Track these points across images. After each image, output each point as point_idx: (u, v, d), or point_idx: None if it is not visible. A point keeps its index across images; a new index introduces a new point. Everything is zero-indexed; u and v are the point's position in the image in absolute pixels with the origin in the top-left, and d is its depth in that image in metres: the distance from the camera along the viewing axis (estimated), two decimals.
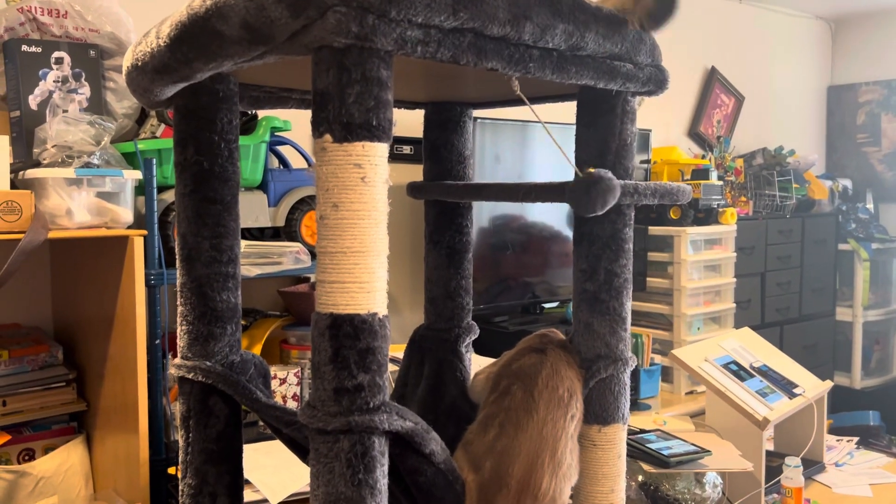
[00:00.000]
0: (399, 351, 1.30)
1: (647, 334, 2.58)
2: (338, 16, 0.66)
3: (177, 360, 0.98)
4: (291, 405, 1.89)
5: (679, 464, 1.53)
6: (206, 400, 0.97)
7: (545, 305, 2.96)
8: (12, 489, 1.66)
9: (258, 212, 1.96)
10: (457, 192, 1.13)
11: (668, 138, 3.61)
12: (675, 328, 2.80)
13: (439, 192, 1.16)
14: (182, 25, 0.79)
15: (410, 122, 1.45)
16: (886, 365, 4.10)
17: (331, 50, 0.69)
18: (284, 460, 1.54)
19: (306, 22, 0.68)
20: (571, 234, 0.99)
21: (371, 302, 0.72)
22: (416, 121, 1.25)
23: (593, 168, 0.88)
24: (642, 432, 1.67)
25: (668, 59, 0.98)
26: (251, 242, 1.89)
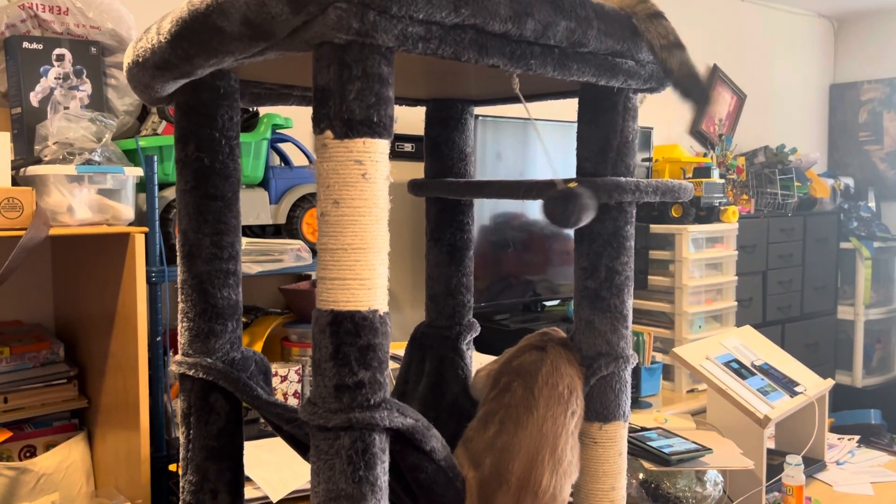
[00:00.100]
0: (400, 348, 1.30)
1: (648, 332, 2.58)
2: (339, 12, 0.66)
3: (178, 357, 0.98)
4: (292, 402, 1.89)
5: (680, 462, 1.53)
6: (206, 397, 0.97)
7: (546, 303, 2.96)
8: (13, 486, 1.66)
9: (259, 209, 1.96)
10: (458, 189, 1.13)
11: (669, 136, 3.61)
12: (677, 326, 2.80)
13: (440, 189, 1.16)
14: (183, 21, 0.79)
15: (412, 119, 1.45)
16: (888, 363, 4.10)
17: (332, 46, 0.69)
18: (285, 457, 1.54)
19: (307, 18, 0.68)
20: (572, 233, 0.98)
21: (372, 298, 0.72)
22: (417, 118, 1.25)
23: (574, 183, 0.88)
24: (643, 430, 1.67)
25: None
26: (252, 240, 1.89)
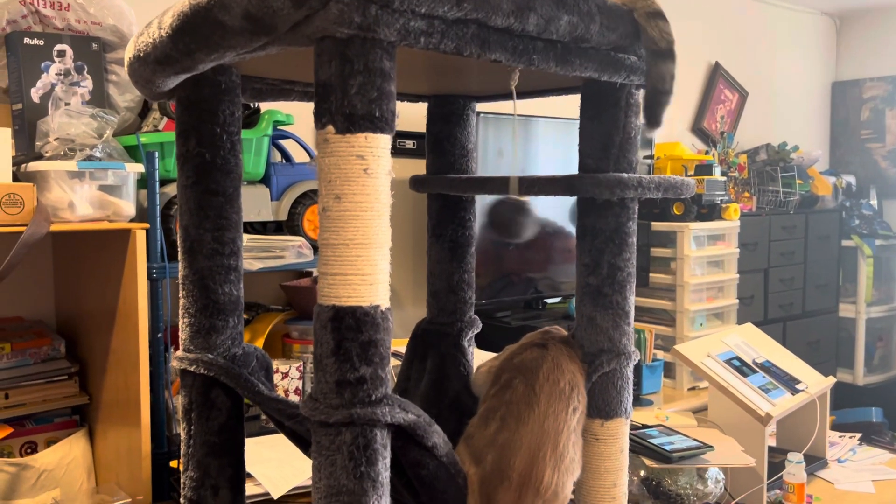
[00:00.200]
0: (401, 345, 1.29)
1: (649, 330, 2.58)
2: (340, 6, 0.66)
3: (179, 353, 0.98)
4: (294, 399, 1.89)
5: (681, 459, 1.53)
6: (208, 393, 0.97)
7: (548, 301, 2.96)
8: (15, 482, 1.66)
9: (261, 206, 1.96)
10: (460, 185, 1.13)
11: (671, 134, 3.60)
12: (678, 324, 2.80)
13: (442, 185, 1.15)
14: (184, 16, 0.79)
15: (413, 116, 1.45)
16: (889, 362, 4.09)
17: (333, 40, 0.69)
18: (287, 454, 1.54)
19: (309, 12, 0.67)
20: (574, 230, 0.98)
21: (373, 294, 0.71)
22: (418, 115, 1.24)
23: (526, 198, 0.90)
24: (644, 427, 1.67)
25: None
26: (253, 236, 1.88)
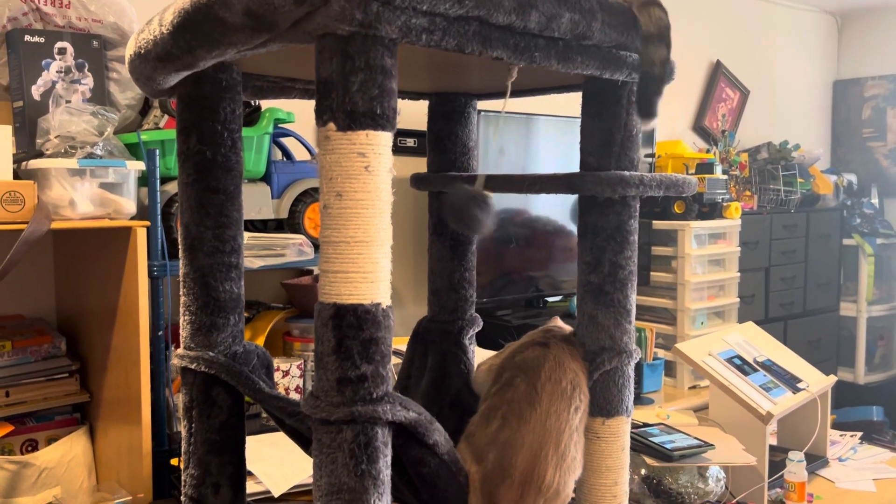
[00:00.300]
0: (402, 343, 1.29)
1: (650, 328, 2.58)
2: (342, 3, 0.66)
3: (180, 351, 0.98)
4: (294, 397, 1.89)
5: (682, 457, 1.53)
6: (208, 390, 0.97)
7: (548, 299, 2.96)
8: (15, 480, 1.66)
9: (261, 204, 1.96)
10: (453, 182, 1.13)
11: (672, 132, 3.60)
12: (679, 322, 2.79)
13: (443, 183, 1.15)
14: (185, 13, 0.79)
15: (414, 114, 1.44)
16: (890, 360, 4.09)
17: (334, 37, 0.68)
18: (287, 452, 1.54)
19: (310, 9, 0.67)
20: (575, 229, 0.98)
21: (375, 292, 0.71)
22: (419, 113, 1.24)
23: (490, 192, 0.91)
24: (645, 426, 1.67)
25: (673, 53, 0.97)
26: (254, 234, 1.88)
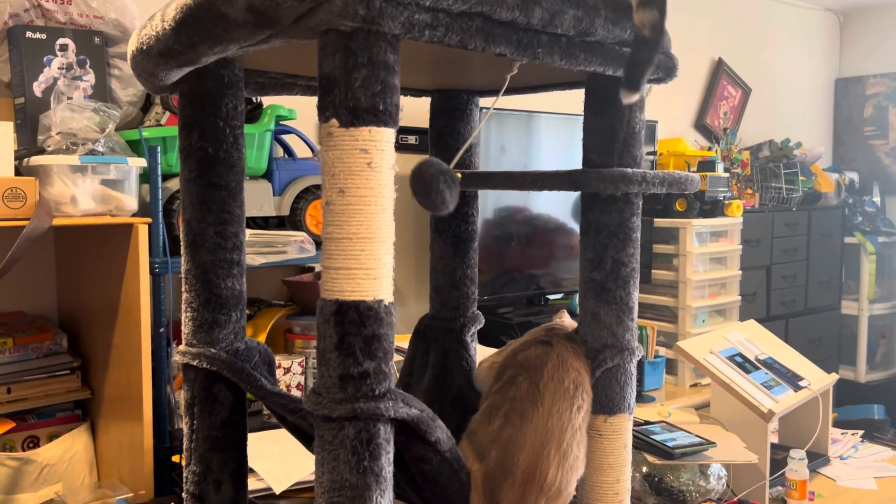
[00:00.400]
0: (403, 341, 1.29)
1: (651, 326, 2.57)
2: None
3: (181, 347, 0.98)
4: (296, 395, 1.89)
5: (684, 455, 1.53)
6: (210, 387, 0.97)
7: (550, 297, 2.96)
8: (17, 476, 1.66)
9: (263, 201, 1.95)
10: (463, 180, 1.12)
11: (674, 130, 3.59)
12: (680, 320, 2.79)
13: None
14: (187, 8, 0.79)
15: (415, 111, 1.44)
16: (891, 359, 4.09)
17: (337, 33, 0.68)
18: (289, 449, 1.54)
19: (312, 5, 0.67)
20: (576, 226, 0.98)
21: (377, 289, 0.71)
22: (421, 110, 1.24)
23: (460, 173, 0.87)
24: (647, 424, 1.67)
25: (675, 50, 0.97)
26: (256, 231, 1.88)
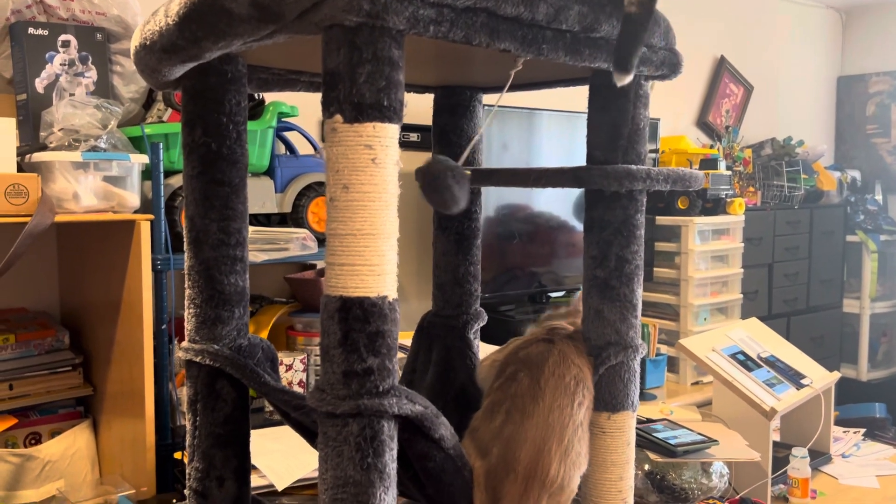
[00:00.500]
0: (405, 338, 1.29)
1: (653, 324, 2.57)
2: None
3: (184, 344, 0.98)
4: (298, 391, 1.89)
5: (686, 453, 1.53)
6: (213, 383, 0.97)
7: (551, 295, 2.96)
8: (19, 473, 1.66)
9: (265, 198, 1.95)
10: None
11: (676, 128, 3.59)
12: (682, 318, 2.79)
13: None
14: (191, 3, 0.78)
15: (418, 109, 1.44)
16: (893, 357, 4.08)
17: (342, 28, 0.68)
18: (291, 446, 1.54)
19: (317, 0, 0.67)
20: (577, 224, 0.98)
21: (381, 285, 0.71)
22: (423, 108, 1.24)
23: (469, 170, 0.86)
24: (649, 421, 1.67)
25: (677, 48, 0.96)
26: (258, 228, 1.88)
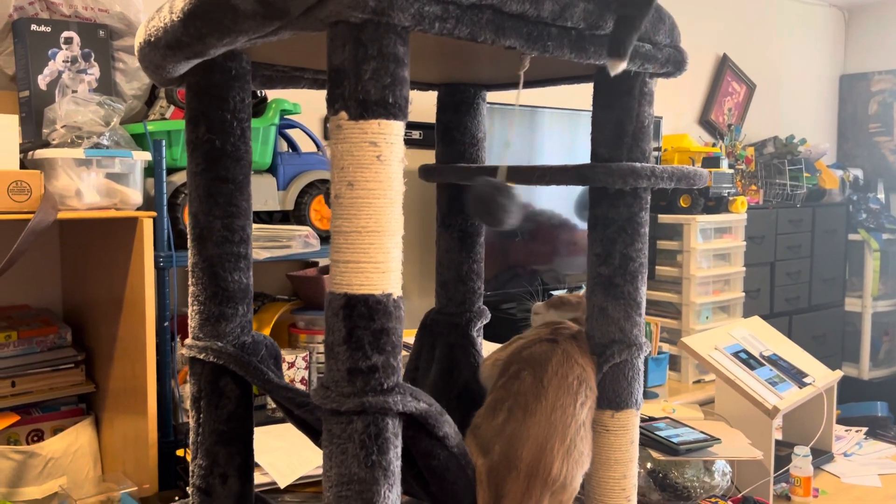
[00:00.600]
0: (408, 336, 1.29)
1: (655, 322, 2.57)
2: None
3: (188, 341, 0.98)
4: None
5: (688, 451, 1.52)
6: (217, 381, 0.97)
7: (553, 293, 2.95)
8: (21, 470, 1.66)
9: (267, 195, 1.95)
10: (470, 174, 1.12)
11: (678, 126, 3.59)
12: (684, 317, 2.79)
13: (452, 174, 1.15)
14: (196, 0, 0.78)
15: (420, 106, 1.43)
16: (895, 356, 4.08)
17: (347, 25, 0.68)
18: (293, 443, 1.54)
19: None
20: (579, 222, 0.98)
21: (386, 282, 0.71)
22: (425, 105, 1.23)
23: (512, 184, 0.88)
24: (651, 420, 1.66)
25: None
26: (260, 226, 1.88)
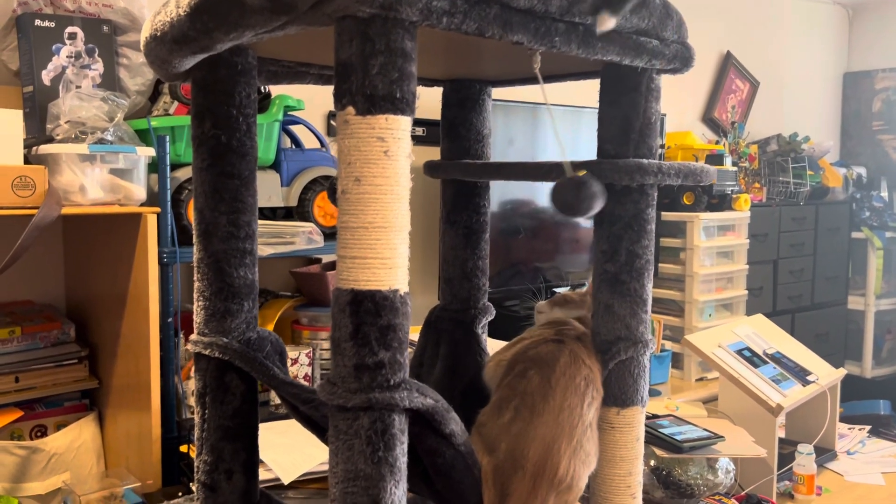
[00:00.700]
0: (413, 333, 1.29)
1: (658, 320, 2.57)
2: None
3: (193, 336, 0.98)
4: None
5: (692, 449, 1.52)
6: (222, 376, 0.97)
7: (556, 290, 2.95)
8: (25, 465, 1.66)
9: (271, 191, 1.95)
10: (475, 171, 1.12)
11: (682, 123, 3.58)
12: (687, 314, 2.79)
13: (457, 171, 1.14)
14: None
15: (424, 103, 1.43)
16: None
17: (354, 20, 0.68)
18: (297, 440, 1.54)
19: None
20: (580, 220, 0.97)
21: (392, 278, 0.71)
22: (429, 102, 1.23)
23: (583, 170, 0.87)
24: (655, 417, 1.66)
25: None
26: (264, 222, 1.88)
